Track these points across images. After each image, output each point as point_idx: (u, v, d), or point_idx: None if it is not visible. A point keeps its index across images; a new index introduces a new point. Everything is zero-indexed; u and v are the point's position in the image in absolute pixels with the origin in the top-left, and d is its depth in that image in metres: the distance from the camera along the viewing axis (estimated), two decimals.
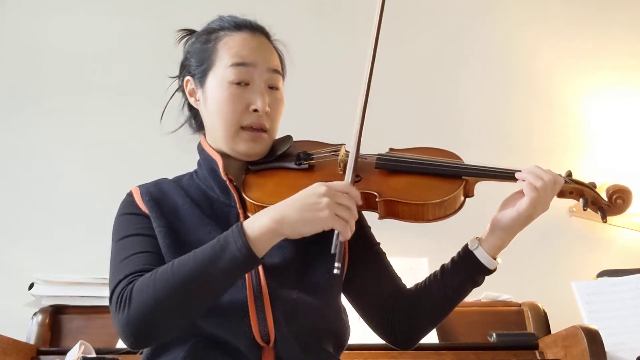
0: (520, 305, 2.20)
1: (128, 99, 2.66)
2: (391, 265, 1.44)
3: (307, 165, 1.37)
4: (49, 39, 2.76)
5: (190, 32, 1.48)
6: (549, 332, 2.11)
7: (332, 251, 1.14)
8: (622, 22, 2.91)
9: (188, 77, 1.41)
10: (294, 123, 1.49)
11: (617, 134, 2.76)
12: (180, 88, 1.46)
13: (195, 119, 1.47)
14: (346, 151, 1.39)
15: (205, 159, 1.39)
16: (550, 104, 2.82)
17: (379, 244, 1.46)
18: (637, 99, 2.81)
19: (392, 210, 1.30)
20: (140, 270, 1.19)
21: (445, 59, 2.85)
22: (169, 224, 1.29)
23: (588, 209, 1.35)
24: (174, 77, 1.48)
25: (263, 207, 1.26)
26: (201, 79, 1.37)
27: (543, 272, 2.52)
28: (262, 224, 1.14)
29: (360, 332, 1.49)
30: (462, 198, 1.33)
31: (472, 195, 1.34)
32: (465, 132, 2.73)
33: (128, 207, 1.34)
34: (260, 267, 1.24)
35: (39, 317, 2.08)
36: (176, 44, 1.47)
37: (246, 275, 1.23)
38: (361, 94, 1.30)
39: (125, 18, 2.79)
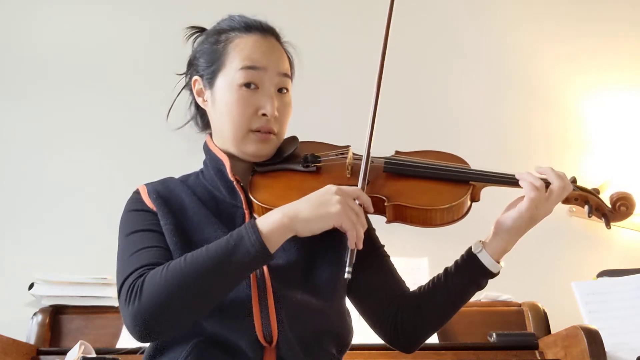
0: (520, 305, 2.21)
1: (131, 97, 2.66)
2: (395, 268, 1.43)
3: (314, 168, 1.37)
4: (52, 32, 2.75)
5: (200, 30, 1.46)
6: (549, 332, 2.12)
7: (345, 258, 1.18)
8: (622, 20, 2.90)
9: (196, 77, 1.40)
10: (299, 123, 1.48)
11: (617, 134, 2.76)
12: (188, 86, 1.45)
13: (202, 118, 1.47)
14: (353, 154, 1.39)
15: (211, 159, 1.39)
16: (549, 104, 2.82)
17: (383, 246, 1.45)
18: (637, 98, 2.81)
19: (400, 215, 1.30)
20: (151, 264, 1.19)
21: (442, 59, 2.84)
22: (176, 222, 1.29)
23: (592, 216, 1.36)
24: (181, 75, 1.47)
25: (270, 209, 1.26)
26: (210, 80, 1.37)
27: (543, 272, 2.52)
28: (275, 220, 1.16)
29: (360, 332, 1.49)
30: (469, 203, 1.33)
31: (478, 200, 1.34)
32: (462, 134, 2.72)
33: (135, 204, 1.34)
34: (265, 268, 1.25)
35: (39, 317, 2.08)
36: (183, 41, 1.46)
37: (251, 275, 1.23)
38: (371, 102, 1.31)
39: (134, 13, 2.78)
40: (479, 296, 2.19)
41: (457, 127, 2.75)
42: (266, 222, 1.16)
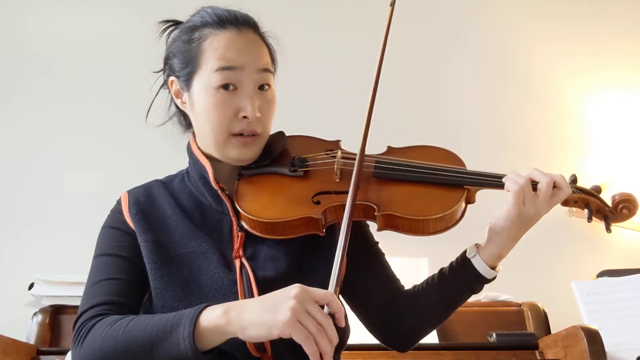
0: (520, 305, 2.21)
1: (131, 97, 2.64)
2: (390, 266, 1.41)
3: (302, 173, 1.32)
4: (51, 32, 2.74)
5: (174, 23, 1.39)
6: (549, 332, 2.12)
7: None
8: (622, 19, 2.90)
9: (172, 78, 1.33)
10: (287, 118, 1.45)
11: (617, 134, 2.76)
12: (165, 85, 1.39)
13: (185, 117, 1.40)
14: (343, 151, 1.35)
15: (195, 163, 1.34)
16: (548, 103, 2.81)
17: (377, 243, 1.42)
18: (637, 98, 2.81)
19: (391, 224, 1.26)
20: (107, 302, 1.19)
21: (441, 56, 2.84)
22: (156, 238, 1.26)
23: (593, 219, 1.31)
24: (157, 72, 1.41)
25: (255, 220, 1.24)
26: (186, 82, 1.30)
27: (543, 272, 2.52)
28: (214, 317, 1.06)
29: (360, 331, 1.48)
30: (464, 207, 1.29)
31: (474, 202, 1.30)
32: (462, 133, 2.71)
33: (113, 220, 1.31)
34: (253, 281, 1.21)
35: (39, 317, 2.08)
36: (164, 37, 1.39)
37: (239, 290, 1.20)
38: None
39: (134, 13, 2.77)
40: (479, 296, 2.19)
41: (456, 126, 2.74)
42: (208, 317, 1.06)
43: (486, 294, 2.22)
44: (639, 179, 2.58)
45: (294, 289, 1.04)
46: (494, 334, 2.00)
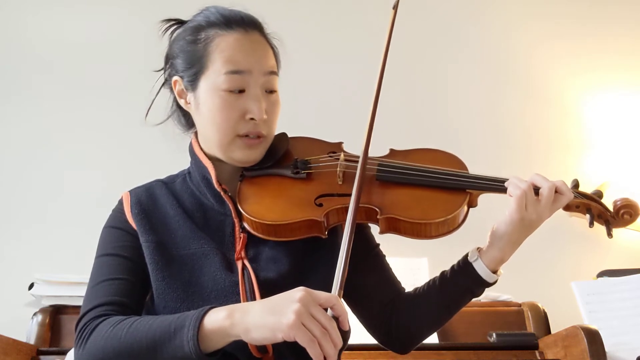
0: (520, 305, 2.21)
1: (132, 96, 2.64)
2: (390, 268, 1.41)
3: (304, 175, 1.32)
4: (50, 32, 2.74)
5: (177, 22, 1.39)
6: (549, 332, 2.12)
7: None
8: (622, 19, 2.90)
9: (176, 78, 1.33)
10: (287, 118, 1.44)
11: (617, 135, 2.76)
12: (167, 84, 1.39)
13: (185, 117, 1.40)
14: (345, 153, 1.35)
15: (197, 164, 1.34)
16: (548, 103, 2.81)
17: (378, 245, 1.42)
18: (637, 98, 2.81)
19: (393, 227, 1.27)
20: (109, 303, 1.19)
21: (441, 57, 2.84)
22: (158, 238, 1.26)
23: (595, 223, 1.31)
24: (158, 71, 1.41)
25: (257, 222, 1.24)
26: (192, 82, 1.30)
27: (543, 272, 2.52)
28: (218, 319, 1.06)
29: (360, 332, 1.48)
30: (466, 210, 1.29)
31: (475, 206, 1.31)
32: (461, 133, 2.72)
33: (115, 220, 1.31)
34: (255, 283, 1.21)
35: (39, 317, 2.08)
36: (166, 36, 1.39)
37: (240, 291, 1.20)
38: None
39: (134, 13, 2.77)
40: (479, 297, 2.19)
41: (456, 126, 2.74)
42: (212, 319, 1.06)
43: (486, 294, 2.21)
44: (639, 179, 2.59)
45: (298, 292, 1.03)
46: (494, 334, 2.00)
